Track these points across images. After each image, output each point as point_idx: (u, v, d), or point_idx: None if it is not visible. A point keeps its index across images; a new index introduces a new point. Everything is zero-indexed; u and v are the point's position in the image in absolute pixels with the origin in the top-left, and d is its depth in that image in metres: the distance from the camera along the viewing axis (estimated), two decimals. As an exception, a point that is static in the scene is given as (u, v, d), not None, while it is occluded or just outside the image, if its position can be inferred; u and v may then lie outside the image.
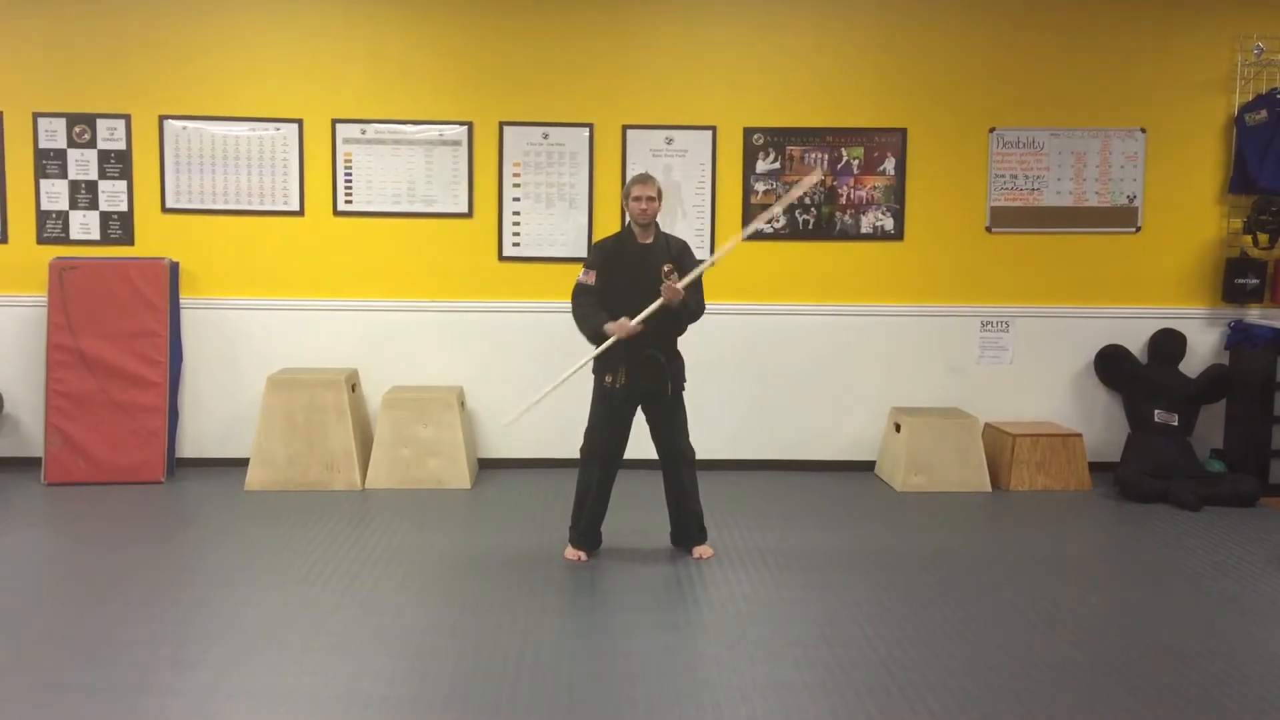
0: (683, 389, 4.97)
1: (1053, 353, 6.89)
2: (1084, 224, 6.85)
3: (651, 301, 4.70)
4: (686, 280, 4.73)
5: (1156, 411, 6.57)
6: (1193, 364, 6.82)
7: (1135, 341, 6.85)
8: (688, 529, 5.08)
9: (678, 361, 4.96)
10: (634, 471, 6.70)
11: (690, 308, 4.82)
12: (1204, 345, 6.90)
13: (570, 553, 4.99)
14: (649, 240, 4.92)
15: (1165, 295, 6.90)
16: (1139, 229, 6.86)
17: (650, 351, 4.80)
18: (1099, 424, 6.89)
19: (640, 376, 4.83)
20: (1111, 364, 6.81)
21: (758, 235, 6.75)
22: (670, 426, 4.95)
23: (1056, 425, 6.75)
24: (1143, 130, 6.81)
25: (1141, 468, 6.33)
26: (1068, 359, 6.91)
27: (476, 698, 3.49)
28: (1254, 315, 6.87)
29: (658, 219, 4.95)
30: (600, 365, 4.86)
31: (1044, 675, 3.72)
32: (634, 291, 4.76)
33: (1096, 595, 4.60)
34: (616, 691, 3.54)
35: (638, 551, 5.11)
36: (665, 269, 4.79)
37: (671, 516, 5.13)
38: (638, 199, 4.84)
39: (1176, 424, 6.55)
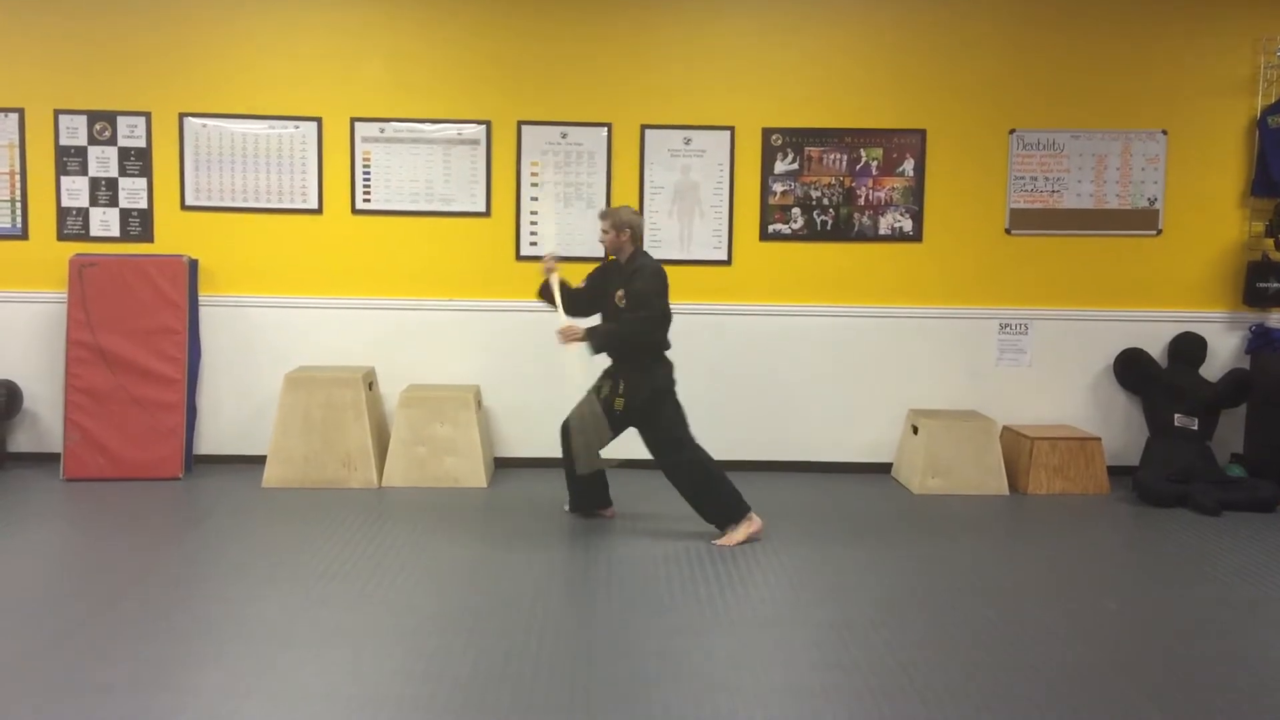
0: (643, 401, 5.30)
1: (1072, 356, 6.86)
2: (1104, 226, 6.81)
3: (606, 316, 5.35)
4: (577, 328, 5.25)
5: (1176, 415, 6.54)
6: (1213, 368, 6.78)
7: (1155, 345, 6.82)
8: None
9: (634, 376, 5.30)
10: (645, 472, 6.72)
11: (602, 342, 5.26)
12: (1225, 349, 6.85)
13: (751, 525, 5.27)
14: (620, 263, 5.39)
15: (1186, 298, 6.86)
16: (1160, 232, 6.82)
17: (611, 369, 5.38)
18: (1118, 428, 6.86)
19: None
20: (1131, 367, 6.78)
21: (776, 235, 6.75)
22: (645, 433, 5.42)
23: (1075, 429, 6.71)
24: (1164, 132, 6.77)
25: (1161, 472, 6.30)
26: (1087, 362, 6.87)
27: (491, 699, 3.48)
28: (1275, 319, 6.83)
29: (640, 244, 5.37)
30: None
31: (1062, 680, 3.70)
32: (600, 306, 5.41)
33: (1115, 600, 4.57)
34: (633, 694, 3.54)
35: (653, 553, 5.10)
36: (617, 295, 5.26)
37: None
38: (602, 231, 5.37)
39: (1196, 428, 6.51)
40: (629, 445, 6.74)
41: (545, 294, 5.43)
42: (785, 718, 3.39)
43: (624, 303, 5.21)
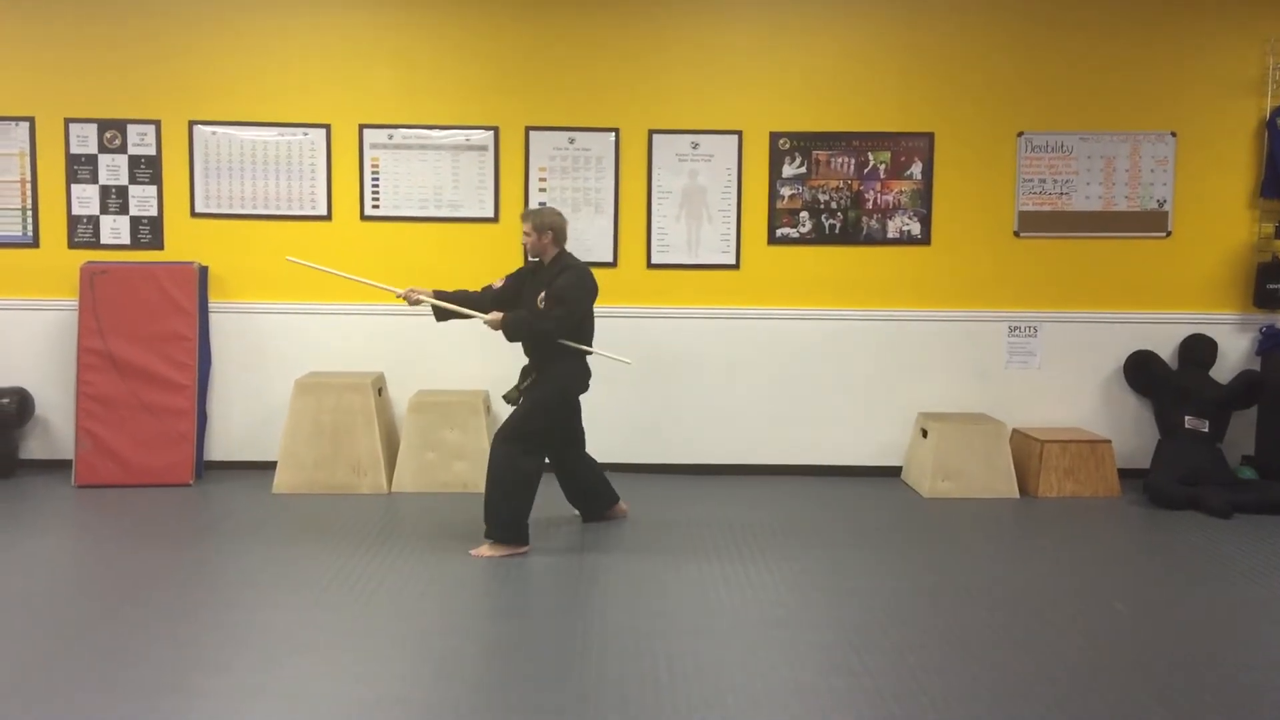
0: (537, 398, 5.19)
1: (1082, 358, 6.84)
2: (1113, 228, 6.80)
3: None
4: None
5: (1187, 418, 6.51)
6: (1224, 370, 6.75)
7: (1165, 347, 6.79)
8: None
9: (543, 374, 5.23)
10: (651, 475, 6.72)
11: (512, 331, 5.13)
12: (1235, 351, 6.83)
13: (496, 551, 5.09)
14: (542, 267, 5.29)
15: (1196, 300, 6.83)
16: (1169, 233, 6.81)
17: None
18: (1128, 430, 6.83)
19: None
20: (1141, 369, 6.75)
21: (784, 239, 6.75)
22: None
23: (1085, 431, 6.70)
24: (1173, 134, 6.76)
25: (1171, 474, 6.27)
26: (1097, 364, 6.85)
27: (499, 702, 3.49)
28: (1286, 321, 6.81)
29: (563, 245, 5.32)
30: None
31: (1072, 683, 3.69)
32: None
33: (1125, 602, 4.55)
34: (641, 696, 3.54)
35: (661, 555, 5.10)
36: (539, 297, 5.14)
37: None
38: (524, 234, 5.25)
39: (1207, 430, 6.48)
40: (613, 451, 6.77)
41: (443, 316, 5.36)
42: (794, 719, 3.39)
43: (543, 305, 5.11)
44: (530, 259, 5.36)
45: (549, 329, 5.07)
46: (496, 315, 5.12)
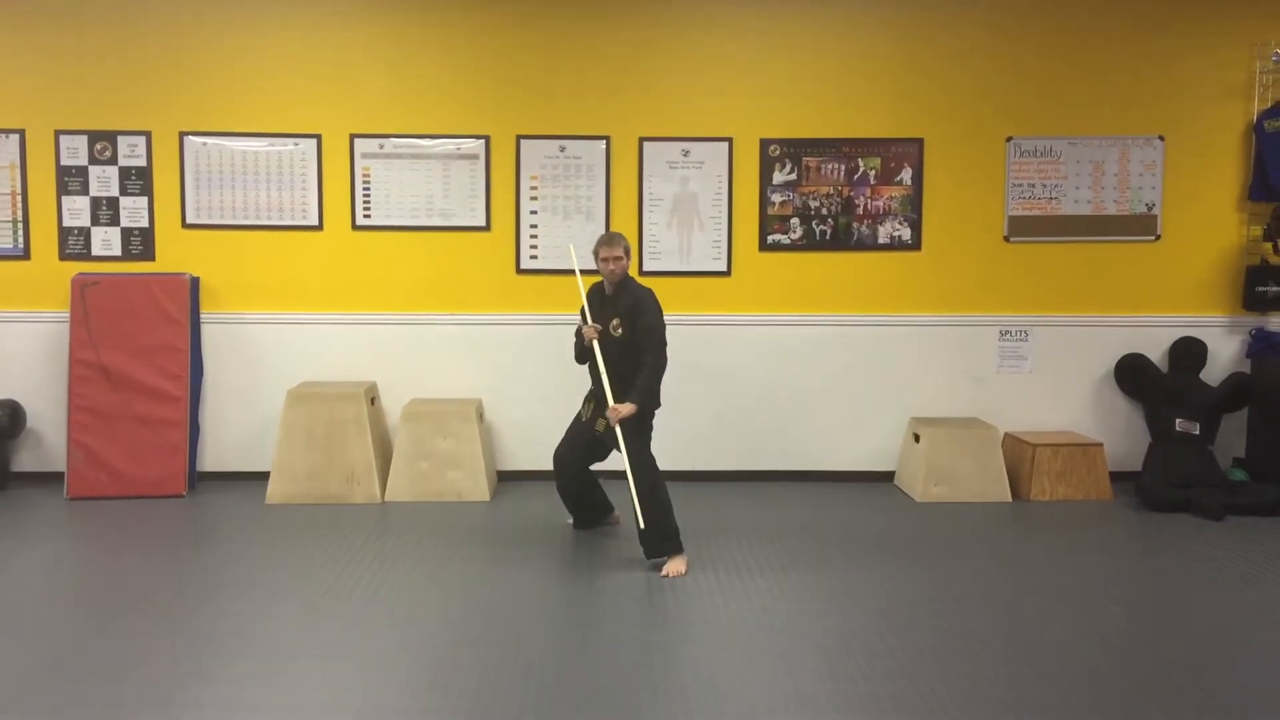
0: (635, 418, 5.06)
1: (1072, 362, 6.87)
2: (1103, 232, 6.83)
3: (602, 346, 5.11)
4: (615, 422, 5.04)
5: (1178, 420, 6.54)
6: (1214, 372, 6.78)
7: (1156, 350, 6.82)
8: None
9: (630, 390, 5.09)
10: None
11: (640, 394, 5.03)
12: (1225, 353, 6.86)
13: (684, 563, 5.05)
14: (612, 293, 5.21)
15: (1185, 303, 6.87)
16: (1158, 237, 6.84)
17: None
18: (1120, 433, 6.86)
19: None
20: (1132, 373, 6.78)
21: (775, 246, 6.77)
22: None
23: (1077, 435, 6.72)
24: (1161, 138, 6.79)
25: (1163, 477, 6.30)
26: (1088, 368, 6.88)
27: (498, 710, 3.49)
28: (1275, 323, 6.83)
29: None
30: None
31: (1069, 686, 3.70)
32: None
33: (1120, 605, 4.56)
34: (639, 706, 3.54)
35: (655, 565, 5.09)
36: (613, 324, 5.11)
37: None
38: (605, 260, 5.11)
39: (1198, 433, 6.51)
40: (606, 460, 6.76)
41: (589, 361, 5.23)
42: (791, 726, 3.39)
43: (619, 331, 5.07)
44: (607, 285, 5.21)
45: (658, 371, 5.07)
46: (630, 407, 4.97)
